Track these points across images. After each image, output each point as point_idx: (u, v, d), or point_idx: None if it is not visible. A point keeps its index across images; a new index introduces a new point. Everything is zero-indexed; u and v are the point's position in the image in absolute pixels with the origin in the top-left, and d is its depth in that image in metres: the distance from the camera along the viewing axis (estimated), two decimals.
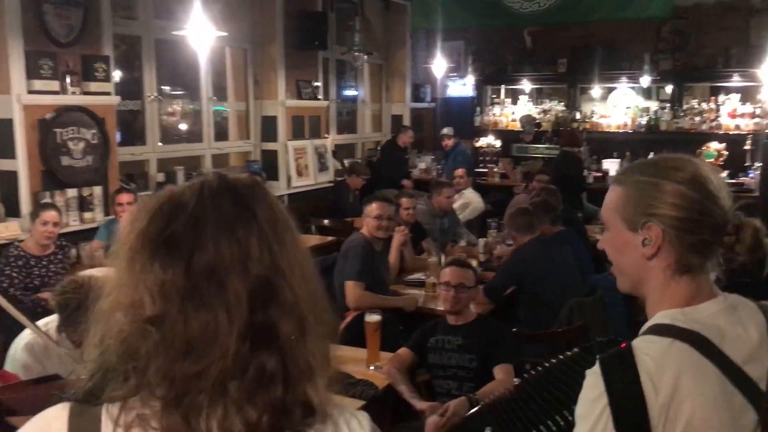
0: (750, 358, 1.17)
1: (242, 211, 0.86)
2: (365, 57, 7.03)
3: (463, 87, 10.26)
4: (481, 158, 9.54)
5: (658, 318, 1.22)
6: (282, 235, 0.87)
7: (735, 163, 8.31)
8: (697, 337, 1.16)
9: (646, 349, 1.17)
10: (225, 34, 4.96)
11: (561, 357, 1.86)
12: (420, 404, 2.90)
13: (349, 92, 9.24)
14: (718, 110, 8.69)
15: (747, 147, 8.33)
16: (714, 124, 8.64)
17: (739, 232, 1.23)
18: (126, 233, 0.86)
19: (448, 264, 3.45)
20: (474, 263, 4.81)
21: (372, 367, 3.07)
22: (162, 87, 6.25)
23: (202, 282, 0.81)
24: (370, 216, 4.04)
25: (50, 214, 4.20)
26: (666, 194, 1.22)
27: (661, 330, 1.19)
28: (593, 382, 1.17)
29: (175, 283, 0.81)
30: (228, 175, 0.91)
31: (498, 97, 10.26)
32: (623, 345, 1.27)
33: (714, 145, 8.40)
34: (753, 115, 8.48)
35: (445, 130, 8.69)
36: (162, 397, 0.80)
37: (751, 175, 8.04)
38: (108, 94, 5.14)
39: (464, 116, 9.89)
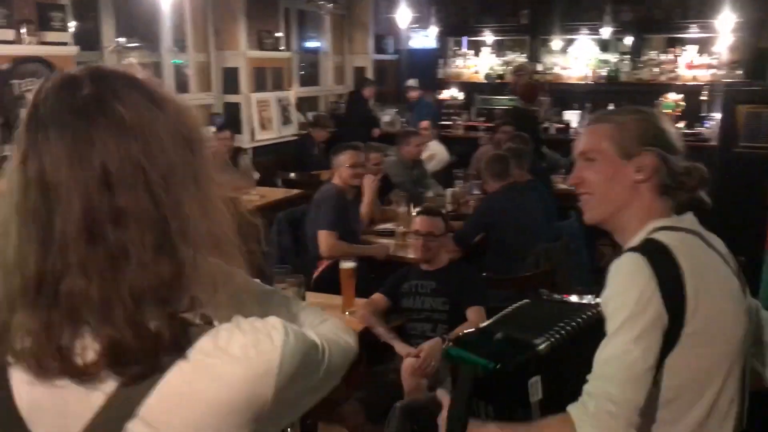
0: (726, 255, 1.44)
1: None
2: (330, 5, 6.91)
3: (426, 38, 10.20)
4: (444, 110, 9.55)
5: (655, 224, 1.40)
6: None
7: (692, 113, 8.49)
8: (696, 232, 1.40)
9: (667, 237, 1.35)
10: None
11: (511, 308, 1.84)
12: (399, 345, 2.98)
13: (311, 44, 9.10)
14: (676, 61, 8.84)
15: (704, 98, 8.51)
16: (672, 75, 8.80)
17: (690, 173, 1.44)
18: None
19: (419, 213, 3.50)
20: None
21: (347, 312, 3.13)
22: (118, 39, 6.07)
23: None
24: (344, 165, 4.04)
25: None
26: (658, 125, 1.45)
27: (670, 228, 1.39)
28: (639, 269, 1.29)
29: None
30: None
31: (460, 48, 10.24)
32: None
33: (672, 96, 8.57)
34: (710, 66, 8.65)
35: (410, 82, 8.66)
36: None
37: (707, 126, 8.23)
38: (65, 44, 4.98)
39: (428, 68, 9.85)
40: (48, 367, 0.80)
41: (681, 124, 8.30)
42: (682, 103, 8.53)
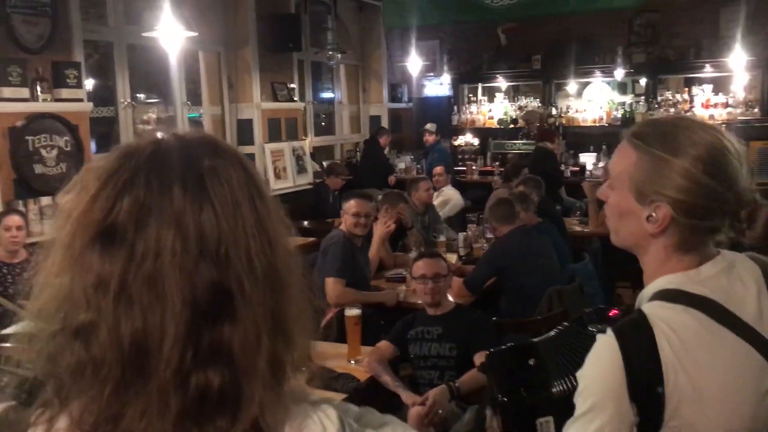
0: (758, 315, 1.15)
1: (194, 197, 0.72)
2: (339, 56, 7.03)
3: (440, 86, 10.30)
4: (459, 156, 9.57)
5: (662, 283, 1.19)
6: (245, 220, 0.73)
7: None
8: (707, 301, 1.14)
9: (660, 314, 1.14)
10: (195, 34, 4.94)
11: (554, 331, 1.79)
12: (405, 394, 2.90)
13: (326, 94, 9.24)
14: (691, 101, 8.78)
15: None
16: (688, 114, 8.73)
17: (751, 222, 1.17)
18: (67, 212, 0.73)
19: (419, 258, 3.44)
20: (454, 257, 4.85)
21: (353, 361, 3.07)
22: (138, 95, 6.21)
23: (140, 279, 0.69)
24: (348, 213, 4.03)
25: (12, 219, 4.10)
26: (677, 175, 1.15)
27: (671, 296, 1.16)
28: (609, 356, 1.12)
29: (113, 278, 0.69)
30: (188, 142, 0.77)
31: (474, 95, 10.31)
32: (619, 311, 1.31)
33: None
34: (726, 105, 8.58)
35: (428, 126, 8.70)
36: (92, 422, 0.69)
37: None
38: (80, 100, 5.08)
39: (442, 115, 9.90)
40: None
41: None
42: None
